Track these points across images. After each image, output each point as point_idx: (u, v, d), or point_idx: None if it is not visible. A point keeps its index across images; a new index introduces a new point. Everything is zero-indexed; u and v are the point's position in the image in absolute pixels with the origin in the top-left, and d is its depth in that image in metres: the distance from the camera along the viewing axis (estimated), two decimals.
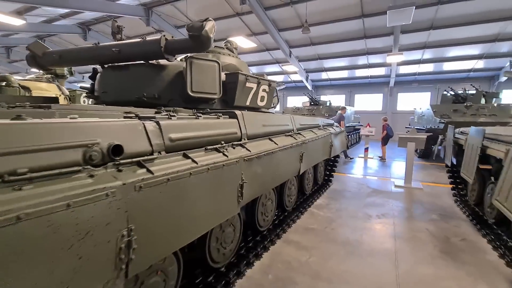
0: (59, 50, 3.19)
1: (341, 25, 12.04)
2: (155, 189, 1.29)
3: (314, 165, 4.90)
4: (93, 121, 1.22)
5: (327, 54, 15.81)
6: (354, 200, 4.88)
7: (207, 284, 2.26)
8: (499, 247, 3.00)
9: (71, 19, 14.01)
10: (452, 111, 8.99)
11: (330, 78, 20.05)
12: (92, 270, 1.02)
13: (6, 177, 0.87)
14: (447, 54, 14.14)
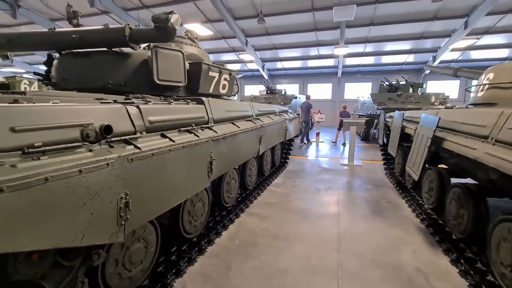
0: (8, 34, 3.02)
1: (294, 17, 12.64)
2: (143, 162, 1.55)
3: (271, 149, 5.41)
4: (86, 105, 1.42)
5: (281, 44, 16.41)
6: (307, 178, 5.54)
7: (182, 251, 2.57)
8: (412, 204, 3.87)
9: None
10: (387, 99, 10.34)
11: (285, 67, 20.87)
12: (101, 223, 1.27)
13: (26, 149, 1.08)
14: (385, 48, 15.90)
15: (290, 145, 6.89)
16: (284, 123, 5.20)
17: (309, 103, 10.42)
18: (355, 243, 2.92)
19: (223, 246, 2.85)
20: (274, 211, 3.78)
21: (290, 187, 4.90)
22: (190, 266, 2.45)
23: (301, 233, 3.16)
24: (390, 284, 2.24)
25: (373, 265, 2.52)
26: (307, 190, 4.77)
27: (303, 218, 3.57)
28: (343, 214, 3.71)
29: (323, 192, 4.69)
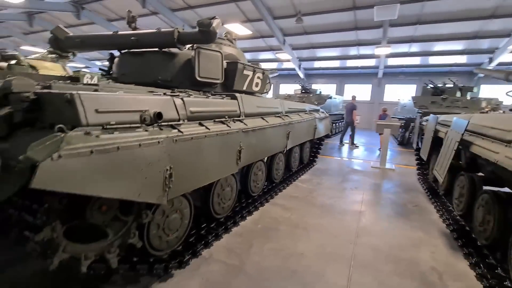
0: (81, 36, 3.65)
1: (334, 16, 12.48)
2: (184, 143, 1.90)
3: (300, 146, 5.58)
4: (144, 96, 1.80)
5: (319, 43, 16.25)
6: (334, 177, 5.62)
7: (211, 228, 2.92)
8: (441, 210, 3.79)
9: None
10: (430, 103, 9.77)
11: (322, 67, 20.57)
12: (152, 187, 1.64)
13: (104, 126, 1.47)
14: (433, 48, 14.86)
15: (320, 144, 6.96)
16: (313, 121, 5.34)
17: (354, 103, 9.91)
18: (373, 239, 3.02)
19: (247, 228, 3.15)
20: (297, 204, 3.98)
21: (316, 184, 5.04)
22: (217, 241, 2.79)
23: (320, 224, 3.33)
24: (400, 277, 2.33)
25: (387, 259, 2.61)
26: (332, 187, 4.87)
27: (325, 212, 3.72)
28: (366, 212, 3.78)
29: (349, 191, 4.75)
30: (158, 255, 2.22)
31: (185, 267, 2.34)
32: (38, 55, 6.90)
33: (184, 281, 2.17)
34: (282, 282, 2.22)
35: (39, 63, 6.29)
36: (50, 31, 3.66)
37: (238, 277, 2.26)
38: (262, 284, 2.18)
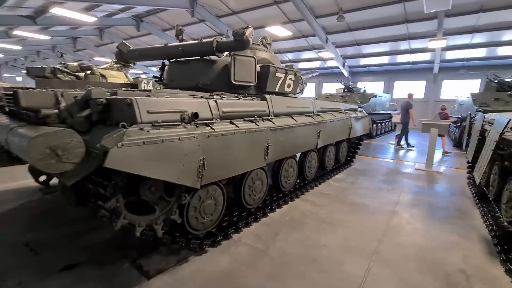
0: (138, 49, 4.33)
1: (381, 10, 11.88)
2: (215, 138, 2.25)
3: (336, 146, 5.60)
4: (184, 99, 2.20)
5: (365, 39, 15.55)
6: (371, 177, 5.50)
7: (242, 216, 3.25)
8: (486, 215, 3.51)
9: (127, 13, 15.74)
10: (493, 100, 8.67)
11: (368, 64, 19.56)
12: (188, 173, 2.02)
13: (153, 123, 1.88)
14: (501, 38, 13.05)
15: (359, 144, 6.82)
16: (349, 121, 5.32)
17: (409, 102, 9.17)
18: (401, 238, 3.01)
19: (275, 219, 3.40)
20: (327, 201, 4.09)
21: (350, 183, 5.03)
22: (246, 227, 3.11)
23: (348, 221, 3.41)
24: (422, 275, 2.34)
25: (413, 258, 2.61)
26: (367, 187, 4.82)
27: (355, 210, 3.76)
28: (399, 213, 3.71)
29: (385, 191, 4.65)
30: (195, 234, 2.62)
31: (217, 246, 2.70)
32: (106, 65, 8.15)
33: (216, 257, 2.53)
34: (301, 267, 2.43)
35: (108, 72, 7.44)
36: (116, 46, 4.42)
37: (262, 259, 2.53)
38: (283, 267, 2.42)
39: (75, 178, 1.62)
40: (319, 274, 2.33)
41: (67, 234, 2.84)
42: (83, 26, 17.36)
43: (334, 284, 2.20)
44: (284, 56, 19.75)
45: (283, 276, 2.29)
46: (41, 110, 1.89)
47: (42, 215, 3.31)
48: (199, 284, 2.15)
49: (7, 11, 11.78)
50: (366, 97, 12.03)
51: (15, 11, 11.97)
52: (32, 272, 2.21)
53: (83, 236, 2.80)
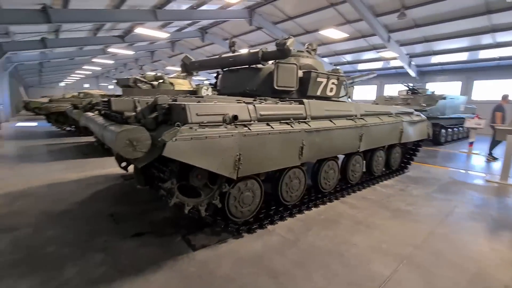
0: (198, 60, 5.04)
1: (452, 2, 10.64)
2: (251, 138, 2.62)
3: (387, 150, 5.39)
4: (227, 103, 2.64)
5: (436, 35, 14.01)
6: (425, 186, 5.11)
7: (278, 211, 3.53)
8: None
9: (194, 26, 17.58)
10: None
11: (441, 62, 17.45)
12: (226, 165, 2.44)
13: (200, 123, 2.35)
14: None
15: (416, 150, 6.35)
16: (400, 124, 5.07)
17: (502, 105, 7.81)
18: (442, 246, 2.86)
19: (310, 217, 3.59)
20: (368, 205, 4.05)
21: (398, 190, 4.80)
22: (281, 221, 3.39)
23: (385, 225, 3.36)
24: (454, 284, 2.25)
25: (449, 266, 2.50)
26: (417, 195, 4.53)
27: (396, 216, 3.66)
28: (448, 223, 3.46)
29: (438, 200, 4.31)
30: (235, 220, 3.03)
31: (253, 233, 3.06)
32: (174, 75, 9.41)
33: (250, 242, 2.89)
34: (326, 259, 2.59)
35: (175, 81, 8.62)
36: (181, 59, 5.23)
37: (291, 248, 2.78)
38: (309, 257, 2.62)
39: (143, 162, 2.19)
40: (343, 267, 2.46)
41: (138, 211, 3.59)
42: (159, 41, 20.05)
43: (356, 278, 2.31)
44: (342, 58, 19.15)
45: (307, 264, 2.50)
46: (124, 113, 2.56)
47: (122, 195, 4.21)
48: (233, 260, 2.53)
49: (105, 33, 14.57)
50: (433, 100, 10.85)
51: (110, 32, 14.70)
52: (113, 235, 2.94)
53: (149, 214, 3.50)
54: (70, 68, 26.94)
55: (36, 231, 2.98)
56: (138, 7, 10.74)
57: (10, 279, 2.17)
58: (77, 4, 8.99)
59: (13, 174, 5.21)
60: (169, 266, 2.41)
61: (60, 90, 37.22)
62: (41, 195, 4.11)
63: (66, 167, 5.83)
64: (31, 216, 3.35)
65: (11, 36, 11.82)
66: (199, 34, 18.54)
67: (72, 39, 14.10)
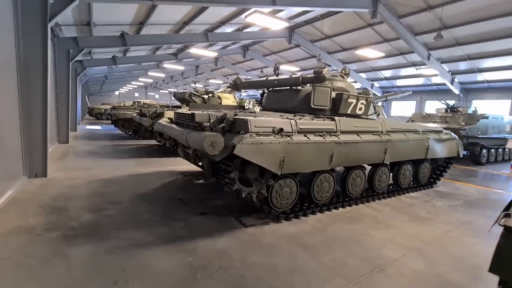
0: (247, 81, 6.13)
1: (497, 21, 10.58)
2: (292, 145, 3.52)
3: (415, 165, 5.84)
4: (275, 118, 3.58)
5: (480, 53, 13.73)
6: (450, 200, 5.44)
7: (310, 207, 4.31)
8: None
9: (237, 44, 19.21)
10: None
11: (487, 80, 16.75)
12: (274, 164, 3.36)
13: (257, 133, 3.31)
14: None
15: (446, 166, 6.65)
16: (426, 141, 5.55)
17: None
18: (450, 245, 3.39)
19: (337, 214, 4.31)
20: (390, 210, 4.62)
21: (422, 201, 5.25)
22: (312, 215, 4.16)
23: (402, 226, 3.94)
24: (451, 268, 2.82)
25: (451, 258, 3.05)
26: (440, 206, 4.95)
27: (414, 220, 4.20)
28: (463, 230, 3.91)
29: (459, 212, 4.68)
30: (275, 209, 3.89)
31: (289, 220, 3.89)
32: (221, 90, 10.75)
33: (287, 226, 3.72)
34: (346, 242, 3.32)
35: (222, 95, 9.90)
36: (233, 80, 6.36)
37: (318, 233, 3.55)
38: (332, 240, 3.37)
39: (219, 157, 3.18)
40: (359, 248, 3.18)
41: (200, 198, 4.65)
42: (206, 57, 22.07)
43: (368, 256, 3.01)
44: (379, 74, 19.28)
45: (330, 243, 3.26)
46: (203, 123, 3.63)
47: (185, 186, 5.34)
48: (274, 235, 3.39)
49: (162, 51, 16.79)
50: (473, 119, 10.70)
51: (166, 51, 16.90)
52: (185, 212, 3.99)
53: (208, 200, 4.53)
54: (128, 80, 30.61)
55: (133, 205, 4.17)
56: (193, 31, 12.47)
57: (128, 231, 3.28)
58: (147, 30, 10.87)
59: (101, 166, 6.72)
60: (229, 235, 3.35)
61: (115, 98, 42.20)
62: (126, 182, 5.41)
63: (137, 163, 7.25)
64: (125, 195, 4.59)
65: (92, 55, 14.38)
66: (241, 51, 20.13)
67: (135, 56, 16.51)
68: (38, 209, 3.80)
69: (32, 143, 5.19)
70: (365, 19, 12.92)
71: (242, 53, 20.31)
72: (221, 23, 12.24)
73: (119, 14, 9.28)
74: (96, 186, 5.03)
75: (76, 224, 3.39)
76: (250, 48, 19.95)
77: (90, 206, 4.02)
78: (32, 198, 4.20)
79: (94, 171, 6.16)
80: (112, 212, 3.85)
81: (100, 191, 4.75)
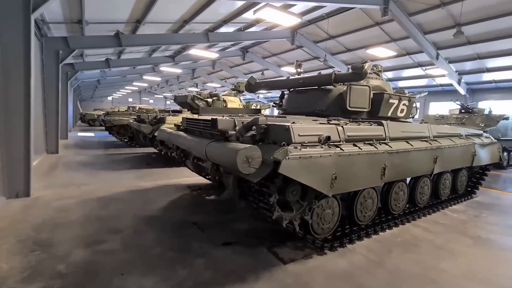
0: (264, 81, 5.38)
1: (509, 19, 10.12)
2: (344, 158, 2.76)
3: (453, 174, 5.17)
4: (319, 125, 2.82)
5: (490, 52, 13.29)
6: (500, 213, 4.77)
7: (353, 230, 3.56)
8: None
9: (237, 46, 18.52)
10: None
11: (495, 80, 16.37)
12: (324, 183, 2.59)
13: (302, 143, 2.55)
14: None
15: (484, 173, 5.99)
16: (471, 147, 4.87)
17: None
18: None
19: (386, 238, 3.56)
20: (443, 230, 3.90)
21: (472, 216, 4.55)
22: (358, 241, 3.40)
23: (471, 253, 3.22)
24: None
25: None
26: (495, 223, 4.26)
27: (479, 244, 3.48)
28: None
29: None
30: (316, 237, 3.12)
31: (334, 251, 3.12)
32: (226, 92, 9.99)
33: (334, 259, 2.95)
34: (417, 283, 2.57)
35: (227, 98, 9.15)
36: (247, 80, 5.61)
37: (378, 268, 2.80)
38: (399, 280, 2.61)
39: (257, 177, 2.40)
40: None
41: (218, 220, 3.85)
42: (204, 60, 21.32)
43: None
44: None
45: (399, 286, 2.50)
46: (228, 132, 2.86)
47: (196, 205, 4.53)
48: (324, 275, 2.62)
49: (158, 54, 15.97)
50: (493, 120, 10.15)
51: (163, 53, 16.08)
52: (205, 242, 3.19)
53: (229, 224, 3.74)
54: (122, 84, 29.60)
55: (138, 234, 3.35)
56: (193, 31, 11.71)
57: (135, 277, 2.47)
58: (144, 30, 10.07)
59: (96, 180, 5.86)
60: (267, 277, 2.56)
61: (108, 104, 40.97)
62: (127, 201, 4.58)
63: (137, 176, 6.40)
64: (127, 220, 3.76)
65: (83, 57, 13.48)
66: (240, 53, 19.44)
67: (130, 59, 15.65)
68: (16, 244, 2.95)
69: (13, 156, 4.34)
70: (372, 18, 12.38)
71: (241, 55, 19.62)
72: (223, 22, 11.52)
73: (114, 11, 8.47)
74: (90, 208, 4.19)
75: (64, 268, 2.56)
76: (249, 50, 19.28)
77: (83, 238, 3.19)
78: (9, 228, 3.35)
79: (88, 187, 5.30)
80: (112, 246, 3.02)
81: (96, 215, 3.91)
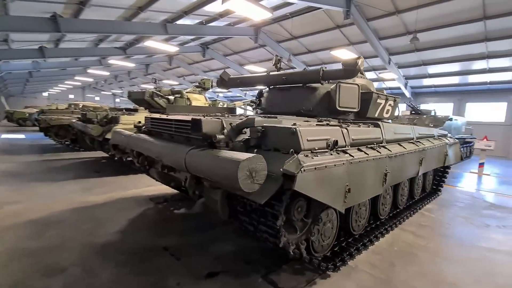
0: (239, 77, 4.80)
1: (454, 29, 11.25)
2: (355, 165, 2.37)
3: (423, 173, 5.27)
4: (326, 127, 2.38)
5: (434, 59, 14.71)
6: (467, 210, 4.99)
7: (348, 243, 3.23)
8: None
9: (197, 41, 17.47)
10: None
11: (434, 84, 18.30)
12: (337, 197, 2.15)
13: (312, 150, 2.07)
14: None
15: (445, 172, 6.32)
16: (444, 147, 5.01)
17: None
18: None
19: (383, 248, 3.31)
20: (432, 233, 3.84)
21: (452, 216, 4.63)
22: (358, 255, 3.07)
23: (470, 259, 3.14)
24: None
25: None
26: (468, 221, 4.39)
27: (468, 247, 3.45)
28: None
29: (494, 228, 4.17)
30: (315, 256, 2.69)
31: (337, 271, 2.72)
32: (189, 89, 9.10)
33: (340, 281, 2.56)
34: None
35: (191, 96, 8.31)
36: (220, 75, 4.97)
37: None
38: None
39: (264, 197, 1.83)
40: None
41: (194, 242, 3.16)
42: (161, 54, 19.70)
43: None
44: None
45: None
46: (216, 136, 2.23)
47: (164, 222, 3.75)
48: None
49: (107, 44, 14.12)
50: (440, 121, 11.16)
51: (112, 44, 14.27)
52: (183, 275, 2.51)
53: (209, 246, 3.09)
54: (61, 78, 25.87)
55: (89, 273, 2.50)
56: (149, 20, 10.51)
57: None
58: (89, 14, 8.62)
59: (28, 197, 4.59)
60: None
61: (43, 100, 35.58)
62: (71, 223, 3.58)
63: (83, 188, 5.26)
64: (72, 252, 2.85)
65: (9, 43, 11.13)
66: (200, 49, 18.43)
67: (71, 49, 13.52)
68: None
69: None
70: (334, 21, 12.68)
71: (201, 52, 18.61)
72: (183, 13, 10.56)
73: None
74: (19, 237, 3.13)
75: None
76: (210, 46, 18.37)
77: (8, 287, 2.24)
78: None
79: (16, 207, 4.09)
80: None
81: (26, 247, 2.91)
